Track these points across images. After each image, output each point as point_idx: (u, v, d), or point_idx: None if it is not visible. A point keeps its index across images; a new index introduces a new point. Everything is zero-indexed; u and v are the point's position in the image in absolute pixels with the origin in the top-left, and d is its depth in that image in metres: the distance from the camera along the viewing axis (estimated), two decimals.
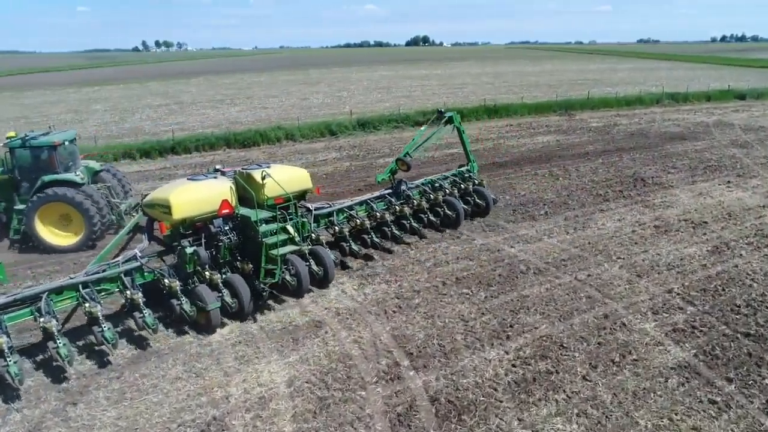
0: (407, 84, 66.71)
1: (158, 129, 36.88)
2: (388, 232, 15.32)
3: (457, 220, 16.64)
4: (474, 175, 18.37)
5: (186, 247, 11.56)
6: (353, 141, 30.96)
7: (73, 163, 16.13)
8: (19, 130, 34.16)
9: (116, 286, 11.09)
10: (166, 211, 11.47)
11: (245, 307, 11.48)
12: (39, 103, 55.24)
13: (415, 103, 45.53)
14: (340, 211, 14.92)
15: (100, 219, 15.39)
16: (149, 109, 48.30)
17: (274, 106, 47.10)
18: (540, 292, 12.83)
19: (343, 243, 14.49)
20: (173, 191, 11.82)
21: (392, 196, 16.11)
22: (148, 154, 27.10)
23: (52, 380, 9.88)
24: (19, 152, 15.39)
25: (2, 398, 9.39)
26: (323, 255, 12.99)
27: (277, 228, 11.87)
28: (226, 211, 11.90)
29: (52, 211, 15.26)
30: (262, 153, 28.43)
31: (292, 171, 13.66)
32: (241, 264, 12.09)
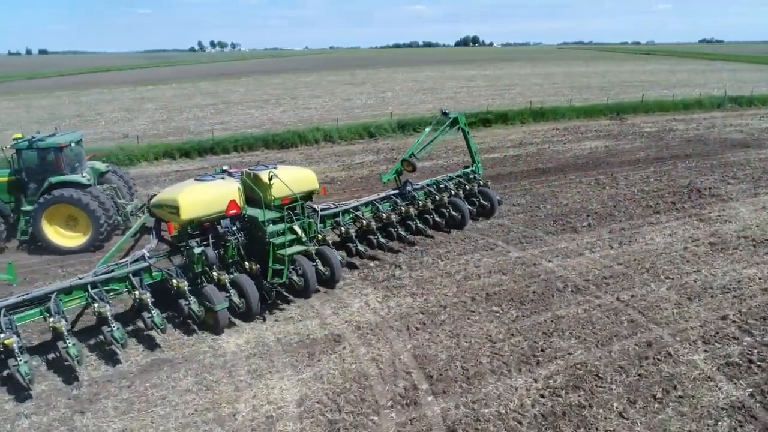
0: (452, 85, 65.64)
1: (202, 128, 37.41)
2: (393, 232, 15.38)
3: (462, 221, 16.61)
4: (479, 176, 18.32)
5: (194, 248, 11.58)
6: (392, 143, 30.38)
7: (79, 164, 16.28)
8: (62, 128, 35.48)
9: (125, 286, 11.12)
10: (174, 212, 11.53)
11: (253, 307, 11.47)
12: (94, 102, 57.40)
13: (459, 105, 44.52)
14: (346, 211, 14.96)
15: (106, 220, 15.50)
16: (196, 109, 49.27)
17: (317, 107, 47.13)
18: (577, 313, 11.88)
19: (349, 243, 14.46)
20: (181, 192, 11.86)
21: (398, 197, 16.11)
22: (188, 153, 27.38)
23: (64, 385, 9.76)
24: (26, 154, 15.53)
25: (14, 402, 9.33)
26: (330, 255, 12.92)
27: (284, 228, 11.93)
28: (234, 211, 11.96)
29: (59, 212, 15.38)
30: (300, 154, 28.27)
31: (299, 172, 13.68)
32: (249, 264, 12.05)
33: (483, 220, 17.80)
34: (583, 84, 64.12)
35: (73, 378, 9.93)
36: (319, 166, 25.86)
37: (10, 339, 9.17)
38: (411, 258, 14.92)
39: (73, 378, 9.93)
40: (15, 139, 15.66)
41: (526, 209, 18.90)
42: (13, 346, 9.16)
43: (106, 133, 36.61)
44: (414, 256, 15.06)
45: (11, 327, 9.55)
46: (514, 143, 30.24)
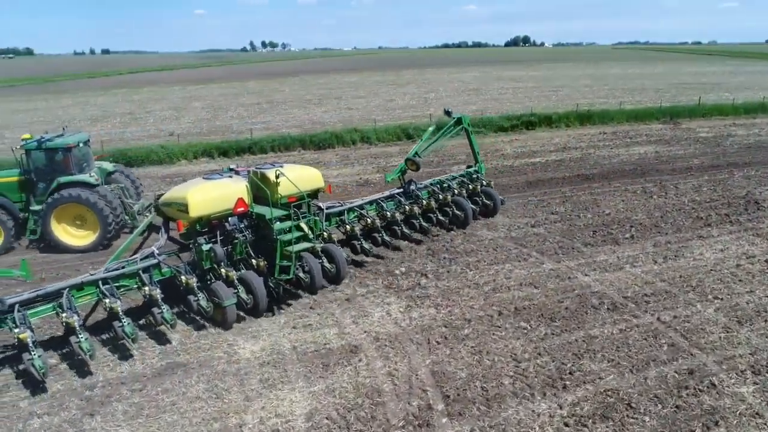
0: (498, 86, 64.26)
1: (244, 127, 37.90)
2: (398, 231, 15.49)
3: (465, 220, 16.78)
4: (482, 176, 18.45)
5: (202, 245, 11.80)
6: None
7: (87, 164, 16.50)
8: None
9: (135, 283, 11.35)
10: (183, 210, 11.75)
11: (260, 303, 11.66)
12: (146, 100, 59.29)
13: (504, 107, 43.44)
14: (351, 210, 15.09)
15: (114, 219, 15.70)
16: (241, 108, 50.08)
17: (359, 107, 47.00)
18: (612, 333, 11.05)
19: (354, 241, 14.61)
20: (190, 190, 12.08)
21: (402, 195, 16.26)
22: (226, 153, 27.65)
23: (79, 385, 9.77)
24: (35, 154, 15.73)
25: (29, 400, 9.39)
26: (335, 253, 13.06)
27: (291, 226, 12.14)
28: (242, 209, 12.17)
29: (68, 211, 15.58)
30: (336, 155, 28.09)
31: (305, 170, 13.90)
32: (256, 261, 12.14)
33: (519, 228, 17.06)
34: (636, 86, 61.48)
35: (87, 374, 9.97)
36: (354, 167, 25.60)
37: (24, 333, 9.40)
38: (438, 266, 14.38)
39: (87, 374, 9.97)
40: (24, 139, 15.86)
41: (564, 218, 17.98)
42: (28, 341, 9.37)
43: (153, 131, 37.63)
44: (442, 264, 14.51)
45: (25, 322, 9.74)
46: (557, 147, 29.10)
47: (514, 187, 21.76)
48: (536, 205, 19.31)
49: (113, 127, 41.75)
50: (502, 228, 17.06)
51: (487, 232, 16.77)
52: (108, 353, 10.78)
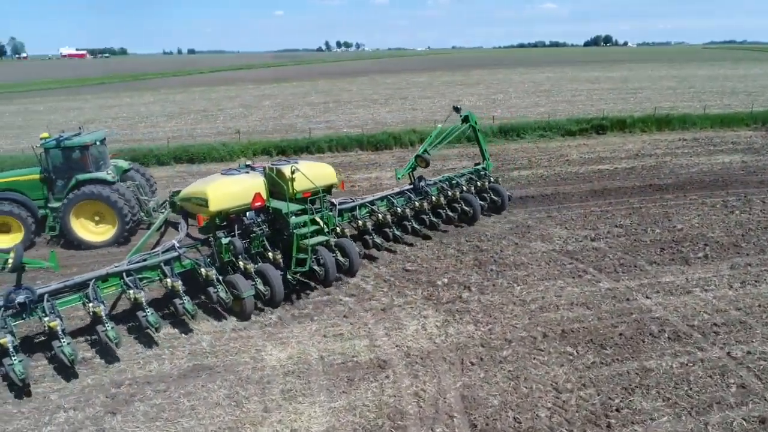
0: (572, 87, 61.43)
1: (307, 126, 38.25)
2: (408, 226, 15.71)
3: (473, 216, 17.01)
4: (489, 172, 18.83)
5: (221, 238, 12.22)
6: (491, 149, 28.33)
7: (103, 162, 16.90)
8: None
9: (156, 275, 11.70)
10: (203, 204, 12.10)
11: (277, 294, 11.96)
12: (221, 98, 61.50)
13: (575, 109, 41.34)
14: (363, 205, 15.46)
15: (131, 215, 15.98)
16: (308, 107, 50.77)
17: (424, 108, 46.33)
18: (671, 367, 9.85)
19: (366, 236, 14.88)
20: (210, 185, 12.44)
21: (412, 192, 16.60)
22: (284, 151, 27.84)
23: (108, 381, 9.85)
24: (54, 152, 16.06)
25: (59, 393, 9.56)
26: (348, 247, 13.23)
27: (307, 220, 12.46)
28: (259, 203, 12.48)
29: (86, 208, 15.87)
30: (392, 157, 27.61)
31: (319, 166, 14.16)
32: (273, 254, 12.43)
33: (577, 241, 15.86)
34: (726, 88, 56.77)
35: (118, 371, 10.05)
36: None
37: (54, 322, 9.75)
38: (484, 279, 13.55)
39: (118, 371, 10.05)
40: (42, 138, 16.21)
41: (629, 231, 16.54)
42: (57, 329, 9.75)
43: (222, 128, 38.78)
44: (488, 277, 13.67)
45: (54, 311, 10.14)
46: (629, 154, 27.12)
47: (577, 195, 20.37)
48: (599, 216, 17.93)
49: (185, 124, 43.47)
50: (558, 240, 15.93)
51: (540, 244, 15.70)
52: (140, 350, 10.86)
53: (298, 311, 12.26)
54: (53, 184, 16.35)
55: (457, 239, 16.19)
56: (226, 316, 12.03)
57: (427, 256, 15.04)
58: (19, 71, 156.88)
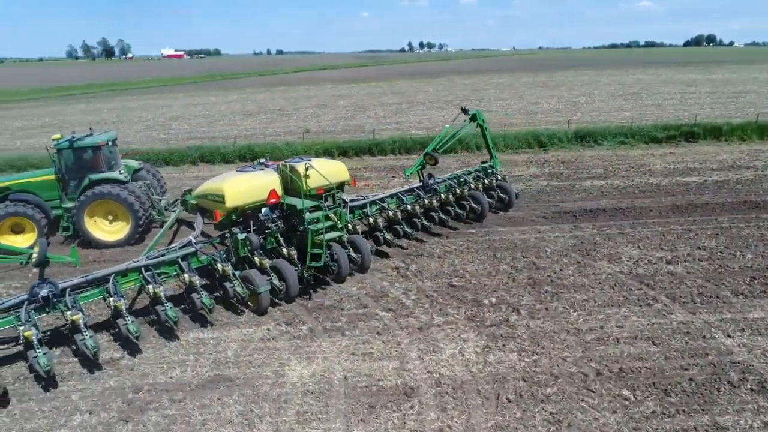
0: (664, 90, 56.91)
1: (376, 127, 37.84)
2: (418, 223, 15.98)
3: (482, 213, 17.23)
4: (497, 170, 18.96)
5: (237, 234, 12.35)
6: (564, 155, 26.72)
7: (115, 162, 17.07)
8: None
9: (174, 270, 11.86)
10: (219, 200, 12.30)
11: (291, 290, 12.11)
12: (298, 98, 62.74)
13: (665, 114, 38.05)
14: (373, 203, 15.65)
15: (144, 214, 16.08)
16: (380, 108, 50.49)
17: (498, 110, 44.58)
18: (752, 425, 8.23)
19: (377, 233, 14.97)
20: (227, 182, 12.64)
21: (421, 189, 16.74)
22: (346, 152, 27.51)
23: (128, 386, 9.68)
24: (67, 153, 16.17)
25: (80, 394, 9.49)
26: (360, 243, 13.44)
27: (321, 216, 12.53)
28: (274, 200, 12.67)
29: (100, 208, 15.98)
30: (455, 161, 26.43)
31: (332, 164, 14.42)
32: (287, 250, 12.56)
33: (650, 263, 14.11)
34: None
35: (141, 375, 9.86)
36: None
37: (77, 315, 10.01)
38: (537, 301, 12.27)
39: (141, 375, 9.86)
40: (55, 139, 16.27)
41: (714, 255, 14.51)
42: (80, 322, 9.97)
43: (293, 128, 39.25)
44: (541, 298, 12.37)
45: (76, 305, 10.32)
46: (722, 165, 24.27)
47: (655, 210, 18.31)
48: (679, 235, 15.95)
49: (260, 123, 44.49)
50: (627, 261, 14.25)
51: (606, 264, 14.11)
52: (167, 354, 10.66)
53: (331, 323, 11.63)
54: (66, 184, 16.52)
55: (513, 254, 14.94)
56: (257, 324, 11.64)
57: (477, 271, 13.94)
58: (124, 71, 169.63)
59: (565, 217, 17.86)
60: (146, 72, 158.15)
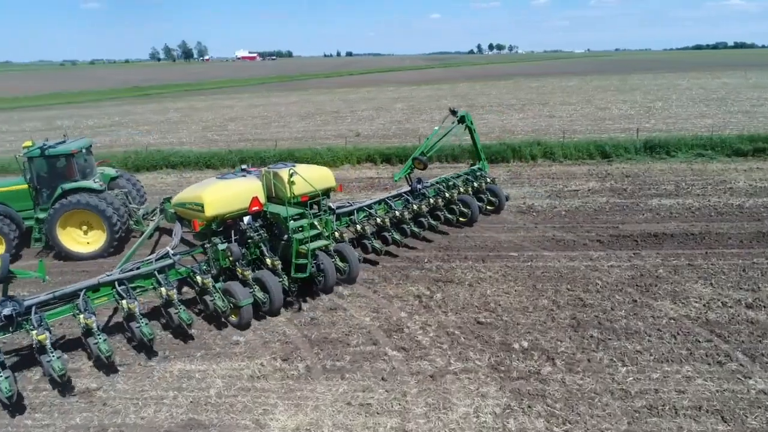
0: (755, 96, 51.42)
1: (430, 131, 36.17)
2: (407, 229, 15.47)
3: (472, 217, 17.01)
4: (485, 173, 18.72)
5: (218, 244, 11.89)
6: (630, 168, 23.92)
7: (90, 170, 16.39)
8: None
9: (150, 283, 11.20)
10: (198, 209, 11.76)
11: (275, 302, 11.56)
12: (357, 100, 62.11)
13: (755, 123, 33.92)
14: (360, 209, 15.13)
15: (120, 224, 15.40)
16: (437, 111, 48.62)
17: (563, 115, 41.69)
18: None
19: (365, 241, 14.57)
20: (206, 189, 12.13)
21: (409, 194, 16.37)
22: (389, 159, 26.05)
23: (94, 424, 8.67)
24: (38, 161, 15.39)
25: (42, 430, 8.56)
26: (348, 252, 13.06)
27: (306, 224, 11.97)
28: (256, 208, 12.16)
29: (74, 218, 15.26)
30: (507, 171, 24.35)
31: (317, 170, 13.88)
32: (271, 260, 11.95)
33: (726, 306, 11.69)
34: None
35: (112, 413, 8.82)
36: (522, 188, 21.60)
37: (43, 335, 9.25)
38: (578, 348, 10.27)
39: (112, 413, 8.82)
40: (25, 146, 15.52)
41: None
42: (46, 342, 9.26)
43: (344, 131, 38.31)
44: (584, 345, 10.36)
45: (42, 323, 9.61)
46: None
47: (735, 238, 15.56)
48: (763, 272, 13.31)
49: (314, 125, 43.94)
50: (697, 302, 11.88)
51: (669, 304, 11.81)
52: (147, 387, 9.61)
53: (332, 362, 10.19)
54: (39, 194, 15.77)
55: (557, 285, 12.92)
56: (250, 356, 10.40)
57: (511, 305, 12.06)
58: (200, 72, 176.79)
59: (624, 241, 15.54)
60: (220, 73, 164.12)
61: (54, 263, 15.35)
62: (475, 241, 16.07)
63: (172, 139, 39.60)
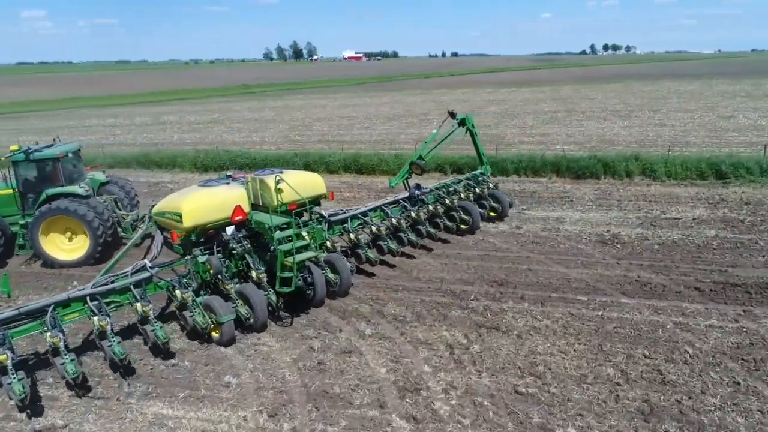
0: None
1: (519, 138, 33.37)
2: (404, 238, 14.70)
3: (473, 224, 16.34)
4: (488, 178, 18.07)
5: (198, 256, 11.22)
6: (751, 194, 19.62)
7: (78, 175, 15.90)
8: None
9: (126, 298, 10.50)
10: (177, 219, 11.08)
11: (260, 318, 10.86)
12: (451, 102, 59.80)
13: None
14: (355, 217, 14.40)
15: (104, 231, 14.76)
16: (531, 116, 45.42)
17: (676, 124, 36.70)
18: None
19: (359, 250, 13.73)
20: (184, 199, 11.48)
21: (407, 201, 15.78)
22: (460, 169, 23.66)
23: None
24: (23, 165, 14.95)
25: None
26: (339, 263, 12.39)
27: (292, 234, 11.36)
28: (240, 217, 11.50)
29: (57, 224, 14.76)
30: (594, 189, 21.08)
31: (306, 176, 13.41)
32: (256, 273, 11.24)
33: None
34: None
35: None
36: (609, 212, 18.34)
37: (4, 355, 8.58)
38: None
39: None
40: (12, 151, 14.97)
41: None
42: (7, 363, 8.59)
43: (425, 135, 36.35)
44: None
45: (5, 342, 8.95)
46: None
47: None
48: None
49: (397, 127, 42.49)
50: None
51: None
52: (114, 431, 8.42)
53: (323, 425, 8.38)
54: (24, 199, 15.28)
55: (630, 347, 10.11)
56: (236, 405, 8.88)
57: (565, 371, 9.51)
58: (307, 72, 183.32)
59: (733, 292, 12.23)
60: (325, 73, 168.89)
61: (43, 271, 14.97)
62: (538, 276, 13.53)
63: (256, 138, 40.00)
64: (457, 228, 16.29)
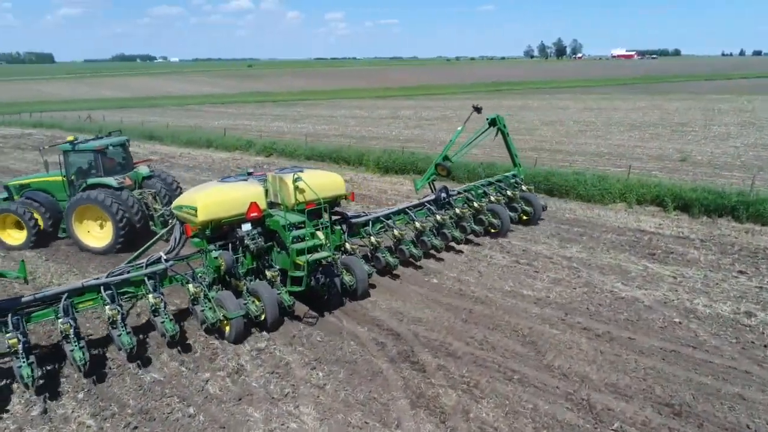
0: None
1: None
2: (428, 242, 14.16)
3: (501, 228, 15.88)
4: (521, 180, 17.66)
5: (211, 252, 11.19)
6: None
7: (122, 167, 16.53)
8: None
9: (140, 290, 10.66)
10: (192, 213, 11.11)
11: (270, 317, 10.73)
12: (725, 110, 49.26)
13: None
14: (377, 220, 14.11)
15: (128, 222, 15.19)
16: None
17: None
18: None
19: (379, 255, 13.37)
20: (201, 193, 11.56)
21: (432, 204, 15.32)
22: (687, 207, 17.53)
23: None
24: (70, 155, 15.99)
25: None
26: (355, 266, 12.21)
27: (306, 233, 11.18)
28: (255, 214, 11.42)
29: (91, 212, 15.53)
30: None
31: (326, 176, 13.08)
32: (269, 271, 11.18)
33: None
34: None
35: None
36: None
37: (13, 340, 8.71)
38: None
39: None
40: (68, 141, 16.05)
41: None
42: (18, 348, 8.74)
43: (670, 151, 29.66)
44: None
45: (18, 327, 9.11)
46: None
47: None
48: None
49: (638, 138, 35.60)
50: None
51: None
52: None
53: None
54: (72, 186, 16.37)
55: None
56: None
57: None
58: (567, 70, 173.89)
59: None
60: (587, 72, 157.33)
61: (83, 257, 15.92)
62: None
63: (445, 137, 37.39)
64: (485, 232, 15.74)
